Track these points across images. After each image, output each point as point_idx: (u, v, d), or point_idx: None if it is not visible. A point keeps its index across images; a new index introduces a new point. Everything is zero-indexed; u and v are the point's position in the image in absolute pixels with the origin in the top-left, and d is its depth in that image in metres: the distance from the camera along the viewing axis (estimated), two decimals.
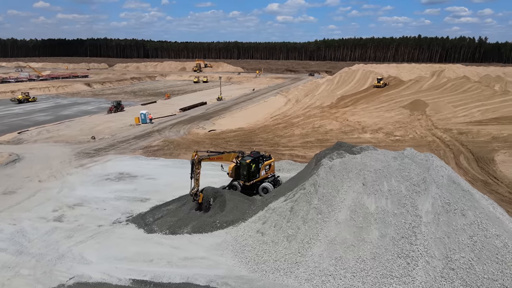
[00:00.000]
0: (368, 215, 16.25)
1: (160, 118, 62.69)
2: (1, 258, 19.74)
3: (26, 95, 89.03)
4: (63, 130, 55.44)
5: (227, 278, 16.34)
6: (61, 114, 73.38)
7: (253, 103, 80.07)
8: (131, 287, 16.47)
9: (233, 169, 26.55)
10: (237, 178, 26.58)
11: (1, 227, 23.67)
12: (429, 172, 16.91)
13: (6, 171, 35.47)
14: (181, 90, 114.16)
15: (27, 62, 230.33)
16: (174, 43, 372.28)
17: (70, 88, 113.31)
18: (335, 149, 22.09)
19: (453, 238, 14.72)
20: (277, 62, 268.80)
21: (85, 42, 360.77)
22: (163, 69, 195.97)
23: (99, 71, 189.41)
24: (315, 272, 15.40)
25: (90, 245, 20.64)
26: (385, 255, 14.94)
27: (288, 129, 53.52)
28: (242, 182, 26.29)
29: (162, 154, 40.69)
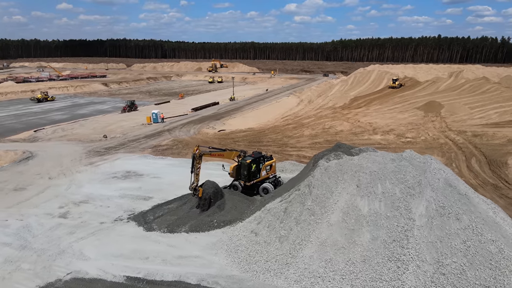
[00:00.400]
0: (360, 217, 16.05)
1: (172, 118, 63.38)
2: (5, 252, 20.35)
3: (45, 95, 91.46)
4: (77, 128, 56.72)
5: (218, 277, 16.43)
6: (77, 113, 75.05)
7: (265, 104, 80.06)
8: (124, 283, 16.75)
9: (234, 169, 26.64)
10: (238, 178, 26.66)
11: (8, 222, 24.39)
12: (425, 175, 16.58)
13: (19, 168, 36.53)
14: (196, 90, 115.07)
15: (48, 62, 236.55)
16: (192, 43, 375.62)
17: (87, 87, 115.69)
18: (334, 150, 21.89)
19: (446, 243, 14.39)
20: (293, 62, 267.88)
21: (105, 43, 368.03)
22: (179, 69, 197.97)
23: (117, 71, 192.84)
24: (304, 273, 15.32)
25: (90, 241, 21.07)
26: (376, 258, 14.73)
27: (297, 130, 53.31)
28: (243, 182, 26.35)
29: (170, 153, 41.15)
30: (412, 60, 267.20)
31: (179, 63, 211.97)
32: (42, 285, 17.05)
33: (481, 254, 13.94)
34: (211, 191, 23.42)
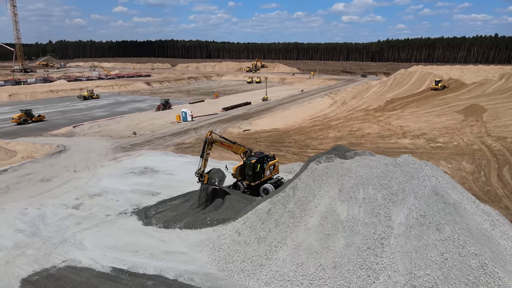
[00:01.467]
0: (337, 222, 15.57)
1: (201, 117, 64.75)
2: (16, 238, 21.99)
3: (90, 93, 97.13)
4: (112, 125, 59.69)
5: (195, 274, 16.71)
6: (116, 110, 78.88)
7: (297, 104, 79.47)
8: (109, 274, 17.52)
9: (237, 169, 26.78)
10: (242, 178, 26.78)
11: (28, 210, 26.27)
12: (411, 182, 15.74)
13: (50, 160, 39.16)
14: (233, 90, 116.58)
15: (101, 62, 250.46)
16: (236, 44, 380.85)
17: (131, 86, 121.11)
18: (330, 153, 21.35)
19: (421, 253, 13.59)
20: (336, 63, 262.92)
21: (154, 44, 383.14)
22: (221, 69, 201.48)
23: (162, 70, 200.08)
24: (275, 276, 15.15)
25: (92, 232, 22.20)
26: (347, 265, 14.23)
27: (323, 131, 52.44)
28: (247, 182, 26.41)
29: (190, 151, 42.14)
30: (465, 61, 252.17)
31: (221, 63, 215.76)
32: (38, 270, 18.26)
33: (459, 268, 13.01)
34: (217, 177, 23.47)
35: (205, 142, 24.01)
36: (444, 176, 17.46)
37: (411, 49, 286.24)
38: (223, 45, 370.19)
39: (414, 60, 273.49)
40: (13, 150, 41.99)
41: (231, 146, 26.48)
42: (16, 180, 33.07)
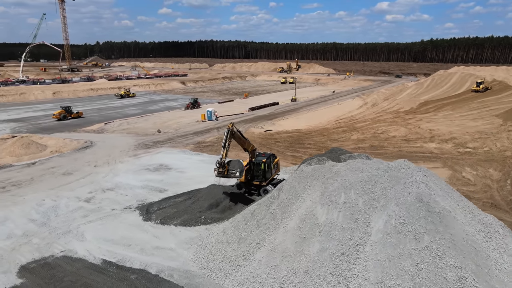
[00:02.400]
0: (315, 226, 15.17)
1: (227, 116, 65.40)
2: (27, 227, 23.37)
3: (127, 91, 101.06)
4: (140, 123, 61.80)
5: (176, 271, 16.96)
6: (148, 108, 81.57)
7: (325, 105, 78.22)
8: (98, 266, 18.20)
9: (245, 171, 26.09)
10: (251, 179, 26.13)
11: (44, 201, 27.82)
12: (395, 187, 15.01)
13: (76, 155, 41.22)
14: (265, 90, 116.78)
15: (142, 62, 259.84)
16: (275, 44, 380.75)
17: (167, 85, 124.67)
18: (324, 155, 20.84)
19: (395, 263, 12.93)
20: (374, 64, 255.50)
21: (194, 44, 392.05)
22: (256, 70, 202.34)
23: (199, 70, 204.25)
24: (249, 277, 15.03)
25: (95, 225, 23.13)
26: (319, 270, 13.83)
27: (346, 133, 51.28)
28: (257, 182, 25.93)
29: (208, 150, 42.73)
30: None
31: (257, 64, 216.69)
32: (37, 258, 19.32)
33: (432, 280, 12.25)
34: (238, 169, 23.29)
35: (227, 132, 24.28)
36: (438, 183, 16.53)
37: (457, 49, 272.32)
38: (261, 46, 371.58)
39: (460, 61, 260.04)
40: (44, 145, 44.63)
41: (244, 142, 26.37)
42: (41, 172, 35.11)
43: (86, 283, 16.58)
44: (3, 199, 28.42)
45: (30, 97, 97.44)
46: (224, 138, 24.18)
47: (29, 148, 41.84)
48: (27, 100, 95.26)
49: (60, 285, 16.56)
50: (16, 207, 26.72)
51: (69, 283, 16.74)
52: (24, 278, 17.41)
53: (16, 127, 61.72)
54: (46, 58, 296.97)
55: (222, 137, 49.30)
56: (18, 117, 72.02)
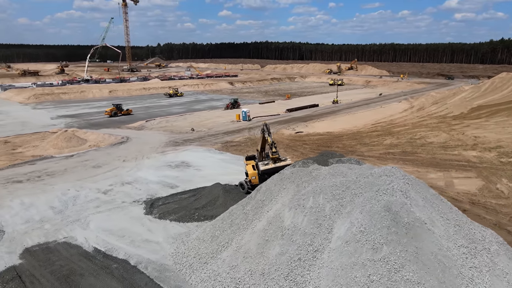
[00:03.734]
0: (279, 229, 14.85)
1: (262, 117, 65.69)
2: (45, 214, 25.45)
3: (175, 91, 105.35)
4: (178, 121, 64.24)
5: (152, 263, 17.56)
6: (192, 107, 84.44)
7: (368, 108, 75.54)
8: (89, 253, 19.39)
9: (256, 175, 25.59)
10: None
11: (69, 191, 30.06)
12: (365, 194, 14.23)
13: (110, 150, 43.95)
14: (310, 92, 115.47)
15: (198, 63, 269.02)
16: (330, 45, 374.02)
17: (215, 86, 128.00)
18: (313, 158, 20.27)
19: (347, 272, 12.28)
20: (434, 65, 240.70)
21: (249, 45, 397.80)
22: (307, 71, 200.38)
23: (250, 71, 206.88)
24: (211, 275, 15.12)
25: (102, 216, 24.59)
26: (274, 274, 13.54)
27: (379, 138, 49.21)
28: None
29: (233, 150, 43.33)
30: None
31: (308, 65, 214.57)
32: (41, 242, 21.02)
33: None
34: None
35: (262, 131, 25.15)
36: (422, 193, 15.46)
37: None
38: (315, 47, 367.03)
39: None
40: (85, 139, 48.12)
41: (267, 140, 26.22)
42: (75, 164, 37.96)
43: (71, 268, 17.77)
44: (35, 187, 31.16)
45: (89, 95, 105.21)
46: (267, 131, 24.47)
47: (70, 141, 45.37)
48: (86, 97, 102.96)
49: (50, 268, 17.91)
50: (43, 195, 29.16)
51: (58, 267, 18.05)
52: (24, 259, 19.06)
53: (70, 122, 67.17)
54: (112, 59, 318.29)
55: (251, 137, 49.91)
56: (74, 113, 78.25)
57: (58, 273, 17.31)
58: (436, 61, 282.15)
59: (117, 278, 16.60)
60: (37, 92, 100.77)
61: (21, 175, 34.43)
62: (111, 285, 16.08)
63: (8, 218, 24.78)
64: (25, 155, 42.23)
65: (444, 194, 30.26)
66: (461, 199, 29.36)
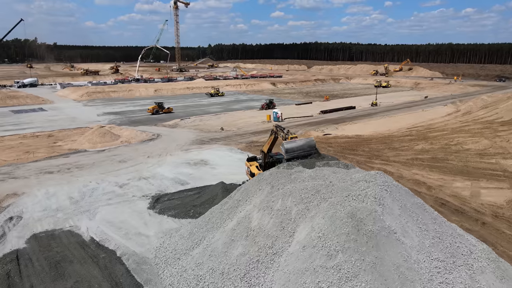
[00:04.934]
0: (245, 229, 14.68)
1: (294, 118, 65.17)
2: (63, 204, 27.25)
3: (216, 90, 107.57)
4: (212, 120, 65.59)
5: (135, 256, 18.18)
6: (230, 107, 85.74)
7: (408, 112, 72.12)
8: (85, 242, 20.54)
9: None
10: None
11: (91, 184, 31.91)
12: (332, 199, 13.66)
13: (139, 146, 46.00)
14: (353, 94, 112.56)
15: (245, 64, 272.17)
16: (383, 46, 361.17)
17: (257, 86, 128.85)
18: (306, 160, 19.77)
19: (297, 277, 11.87)
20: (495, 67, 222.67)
21: (298, 46, 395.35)
22: (354, 72, 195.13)
23: (295, 72, 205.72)
24: (179, 271, 15.34)
25: (110, 208, 25.86)
26: (231, 274, 13.43)
27: (412, 142, 46.84)
28: None
29: (255, 150, 43.38)
30: None
31: (355, 66, 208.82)
32: (49, 229, 22.59)
33: None
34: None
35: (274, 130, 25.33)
36: (402, 201, 14.60)
37: None
38: (366, 47, 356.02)
39: None
40: (118, 135, 50.74)
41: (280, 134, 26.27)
42: (103, 159, 40.22)
43: (64, 255, 18.97)
44: (62, 178, 33.48)
45: (136, 93, 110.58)
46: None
47: (104, 137, 48.10)
48: (133, 96, 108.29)
49: (47, 254, 19.23)
50: (67, 186, 31.25)
51: (55, 253, 19.33)
52: (28, 244, 20.64)
53: (113, 118, 71.12)
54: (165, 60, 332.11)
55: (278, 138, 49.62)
56: (119, 110, 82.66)
57: (51, 259, 18.55)
58: (500, 62, 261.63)
59: (100, 267, 17.47)
60: (90, 90, 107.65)
61: (54, 167, 37.11)
62: (93, 273, 16.96)
63: (30, 206, 26.88)
64: (63, 148, 45.44)
65: (465, 204, 28.29)
66: (484, 211, 27.22)
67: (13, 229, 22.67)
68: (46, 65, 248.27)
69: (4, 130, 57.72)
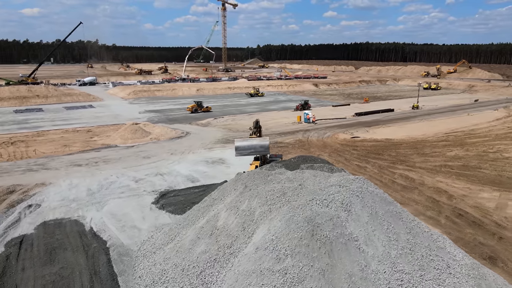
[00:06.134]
0: (211, 228, 14.70)
1: (325, 120, 63.89)
2: (80, 194, 29.02)
3: (256, 91, 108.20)
4: (243, 120, 66.09)
5: (120, 247, 18.90)
6: (266, 108, 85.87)
7: (451, 115, 67.85)
8: (84, 231, 21.75)
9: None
10: None
11: (111, 177, 33.66)
12: (294, 203, 13.27)
13: (166, 143, 47.65)
14: (398, 96, 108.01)
15: (292, 64, 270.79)
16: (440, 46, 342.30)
17: (298, 87, 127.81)
18: (288, 161, 19.38)
19: (244, 279, 11.70)
20: None
21: (348, 47, 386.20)
22: (404, 73, 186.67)
23: (341, 73, 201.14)
24: (150, 265, 15.69)
25: (119, 201, 27.12)
26: (191, 270, 13.52)
27: (445, 148, 44.12)
28: None
29: (277, 151, 43.17)
30: None
31: (406, 67, 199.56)
32: (59, 218, 24.19)
33: None
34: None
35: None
36: (374, 208, 13.93)
37: None
38: (421, 48, 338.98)
39: None
40: (149, 132, 52.90)
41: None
42: (130, 154, 42.20)
43: (62, 243, 20.26)
44: (87, 171, 35.63)
45: (179, 92, 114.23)
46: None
47: (135, 133, 50.41)
48: (176, 95, 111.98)
49: (48, 240, 20.65)
50: (90, 178, 33.20)
51: (55, 240, 20.71)
52: (36, 230, 22.29)
53: (152, 116, 74.11)
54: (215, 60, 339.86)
55: (302, 140, 49.17)
56: (160, 108, 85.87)
57: (49, 245, 19.91)
58: None
59: (88, 256, 18.48)
60: (136, 89, 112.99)
61: (83, 160, 39.56)
62: (79, 261, 17.97)
63: (51, 195, 28.94)
64: (97, 143, 48.26)
65: (486, 216, 26.23)
66: (505, 225, 25.07)
67: (28, 216, 24.55)
68: (103, 65, 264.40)
69: (53, 124, 62.35)
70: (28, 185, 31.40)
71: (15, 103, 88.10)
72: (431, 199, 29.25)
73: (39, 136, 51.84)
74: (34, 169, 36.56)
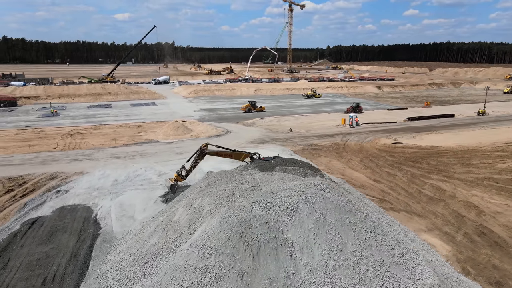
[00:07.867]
0: (166, 223, 15.05)
1: (373, 124, 60.99)
2: (105, 184, 31.39)
3: (313, 92, 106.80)
4: (289, 121, 65.81)
5: (107, 234, 20.15)
6: (319, 109, 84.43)
7: None
8: (89, 218, 23.57)
9: None
10: None
11: (140, 170, 35.83)
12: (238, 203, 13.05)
13: (203, 141, 49.02)
14: (469, 100, 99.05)
15: (361, 65, 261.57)
16: None
17: (359, 89, 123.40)
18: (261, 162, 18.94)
19: (170, 273, 11.80)
20: None
21: (426, 47, 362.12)
22: (485, 76, 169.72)
23: (412, 75, 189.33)
24: (115, 253, 16.54)
25: (133, 192, 28.85)
26: (138, 261, 14.02)
27: (497, 160, 39.65)
28: None
29: (307, 154, 42.54)
30: None
31: (488, 69, 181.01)
32: (76, 203, 26.50)
33: None
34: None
35: (199, 152, 25.81)
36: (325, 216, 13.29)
37: None
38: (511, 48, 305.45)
39: None
40: (191, 129, 55.15)
41: (231, 155, 27.01)
42: (166, 149, 44.51)
43: (64, 226, 22.23)
44: (122, 163, 38.37)
45: (237, 92, 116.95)
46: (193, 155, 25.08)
47: (177, 130, 52.91)
48: (234, 94, 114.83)
49: (54, 223, 22.77)
50: (121, 170, 35.75)
51: (62, 223, 22.79)
52: (52, 213, 24.70)
53: (204, 114, 77.02)
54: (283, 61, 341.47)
55: (340, 143, 47.72)
56: (215, 107, 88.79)
57: (53, 228, 22.00)
58: None
59: (79, 240, 20.09)
60: (197, 88, 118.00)
61: (123, 153, 42.63)
62: (69, 244, 19.62)
63: (82, 183, 31.76)
64: (142, 138, 51.59)
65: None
66: None
67: (53, 200, 27.28)
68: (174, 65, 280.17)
69: (116, 119, 67.77)
70: (68, 173, 34.79)
71: (90, 99, 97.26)
72: (455, 214, 26.62)
73: (96, 130, 56.85)
74: (80, 159, 40.24)
